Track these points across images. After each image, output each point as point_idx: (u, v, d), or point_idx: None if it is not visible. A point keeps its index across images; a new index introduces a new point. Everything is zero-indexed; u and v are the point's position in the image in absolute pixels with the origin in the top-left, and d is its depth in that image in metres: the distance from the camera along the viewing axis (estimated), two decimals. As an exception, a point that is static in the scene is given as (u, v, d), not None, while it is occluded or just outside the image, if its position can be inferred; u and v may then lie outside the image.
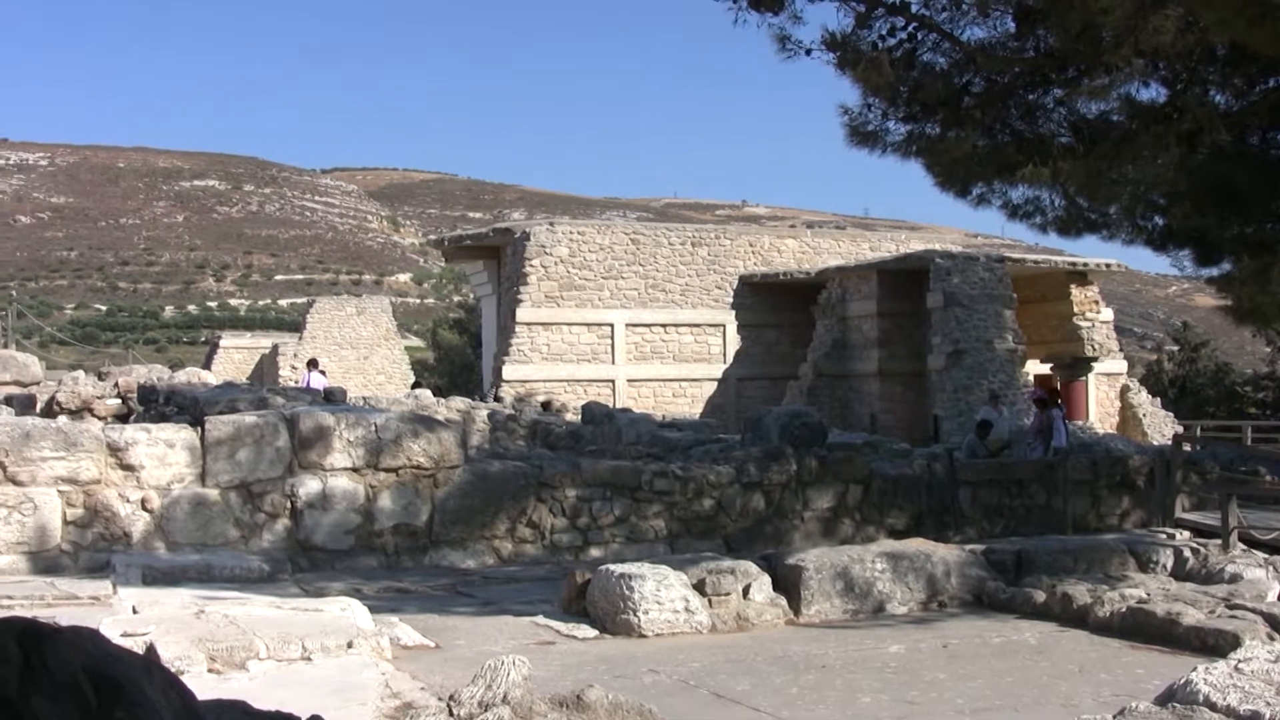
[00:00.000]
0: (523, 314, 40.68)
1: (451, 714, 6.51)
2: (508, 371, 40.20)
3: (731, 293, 43.18)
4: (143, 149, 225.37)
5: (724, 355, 43.08)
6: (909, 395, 39.30)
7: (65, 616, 10.71)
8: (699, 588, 12.24)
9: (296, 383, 40.66)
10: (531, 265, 40.90)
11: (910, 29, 15.87)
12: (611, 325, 41.62)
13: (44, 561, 14.07)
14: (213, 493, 15.00)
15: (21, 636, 3.08)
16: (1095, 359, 41.45)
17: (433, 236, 58.67)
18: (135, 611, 10.99)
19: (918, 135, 16.77)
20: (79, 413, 23.64)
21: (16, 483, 14.10)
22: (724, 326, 43.02)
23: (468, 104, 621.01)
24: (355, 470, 15.62)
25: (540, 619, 12.23)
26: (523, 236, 41.56)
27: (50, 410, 23.71)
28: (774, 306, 43.51)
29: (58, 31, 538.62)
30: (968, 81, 16.31)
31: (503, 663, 6.78)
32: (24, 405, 22.89)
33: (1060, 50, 15.02)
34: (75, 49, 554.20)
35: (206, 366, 60.26)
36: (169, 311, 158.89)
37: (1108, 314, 42.92)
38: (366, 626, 10.50)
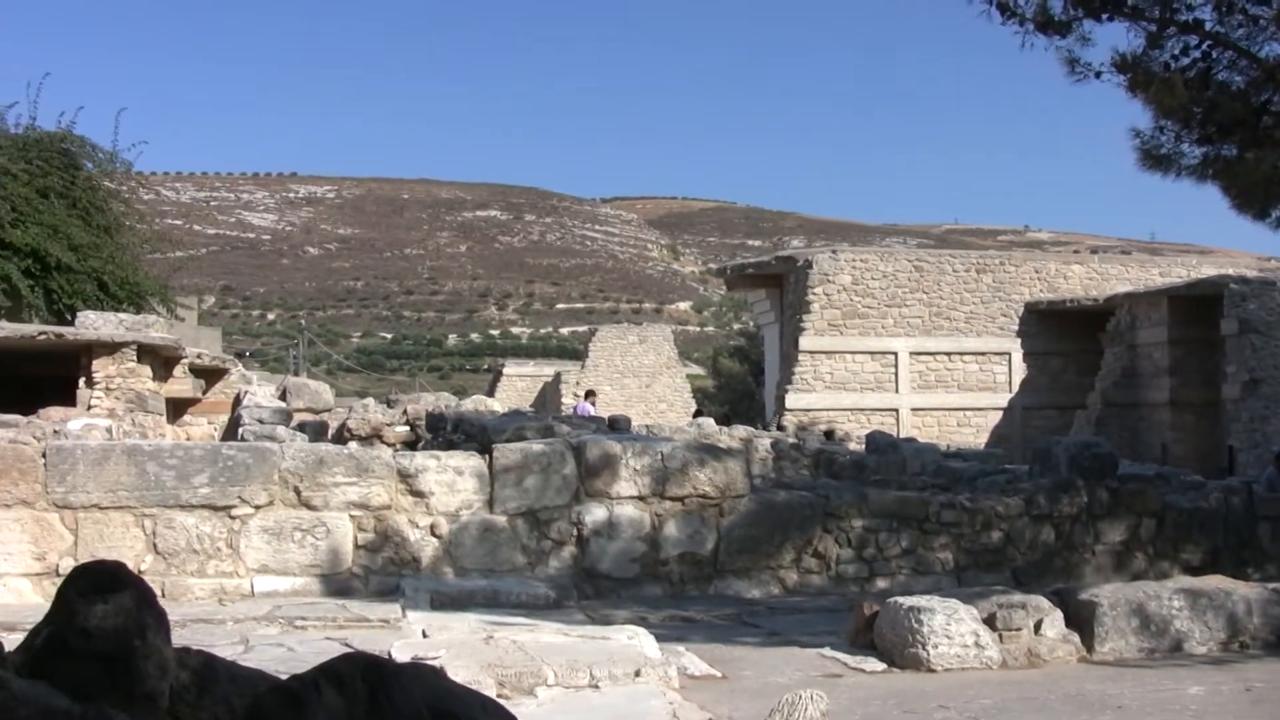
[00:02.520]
0: (805, 342, 40.66)
1: (745, 748, 6.44)
2: (790, 400, 40.17)
3: (1017, 320, 42.57)
4: (426, 180, 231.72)
5: (1009, 384, 42.46)
6: (1202, 426, 38.18)
7: (357, 639, 10.96)
8: (989, 622, 11.98)
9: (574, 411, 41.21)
10: (814, 293, 40.88)
11: (1204, 48, 15.49)
12: (895, 353, 41.35)
13: (335, 584, 14.34)
14: (500, 519, 15.15)
15: (366, 672, 3.11)
16: (1402, 388, 39.78)
17: (712, 265, 59.20)
18: (425, 635, 11.17)
19: (1213, 157, 16.34)
20: (369, 439, 24.22)
21: (310, 507, 14.43)
22: (1009, 355, 42.41)
23: (746, 131, 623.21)
24: (640, 498, 15.65)
25: (827, 650, 12.07)
26: (805, 264, 41.58)
27: (341, 437, 24.35)
28: (1060, 334, 42.75)
29: (343, 68, 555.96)
30: (1266, 100, 15.82)
31: (800, 697, 6.70)
32: (316, 431, 23.52)
33: (1367, 66, 14.49)
34: (360, 85, 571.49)
35: (490, 394, 61.33)
36: (452, 339, 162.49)
37: None
38: (653, 655, 10.49)
